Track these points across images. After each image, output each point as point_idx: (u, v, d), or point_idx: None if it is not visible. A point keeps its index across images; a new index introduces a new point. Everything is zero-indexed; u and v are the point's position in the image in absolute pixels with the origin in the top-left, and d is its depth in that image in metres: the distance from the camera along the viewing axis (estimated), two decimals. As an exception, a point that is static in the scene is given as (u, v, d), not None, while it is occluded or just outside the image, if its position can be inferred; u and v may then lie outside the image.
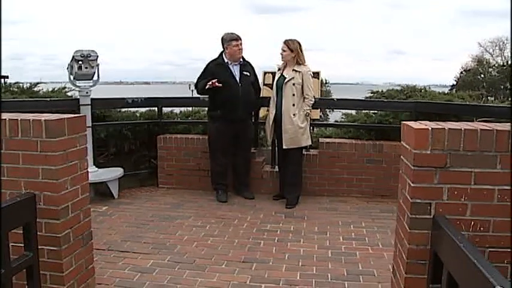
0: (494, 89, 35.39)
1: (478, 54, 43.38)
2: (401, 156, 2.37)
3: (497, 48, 43.41)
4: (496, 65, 40.41)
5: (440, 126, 2.09)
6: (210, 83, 5.03)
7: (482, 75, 40.41)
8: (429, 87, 6.65)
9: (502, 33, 43.23)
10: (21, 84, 5.72)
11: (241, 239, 4.12)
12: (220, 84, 5.05)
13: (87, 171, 2.80)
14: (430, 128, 2.07)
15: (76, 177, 2.65)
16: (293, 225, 4.49)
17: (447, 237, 1.95)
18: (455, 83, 40.59)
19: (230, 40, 5.20)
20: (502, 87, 35.83)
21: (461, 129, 2.07)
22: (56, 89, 6.00)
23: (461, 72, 42.30)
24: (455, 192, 2.11)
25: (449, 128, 2.07)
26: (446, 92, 7.24)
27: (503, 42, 42.35)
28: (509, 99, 5.68)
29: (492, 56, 43.27)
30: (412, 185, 2.14)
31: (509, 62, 38.55)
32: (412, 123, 2.21)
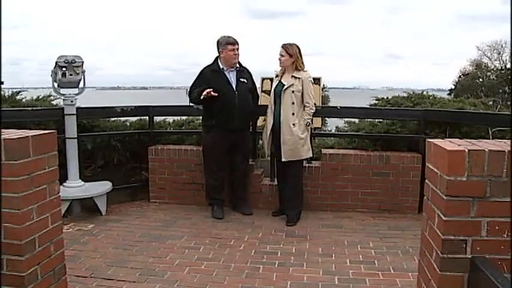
0: (492, 92, 35.06)
1: (477, 58, 43.10)
2: (427, 181, 2.00)
3: (495, 52, 43.11)
4: (494, 69, 40.13)
5: (478, 148, 1.72)
6: (205, 92, 4.66)
7: (480, 79, 40.14)
8: (427, 92, 6.31)
9: (500, 37, 42.99)
10: (2, 92, 5.32)
11: (238, 263, 3.73)
12: (216, 94, 4.68)
13: (59, 196, 2.42)
14: (466, 150, 1.70)
15: (45, 204, 2.28)
16: (295, 246, 4.11)
17: (487, 280, 1.60)
18: (453, 87, 40.30)
19: (226, 44, 4.83)
20: (501, 91, 35.52)
21: (504, 151, 1.70)
22: (40, 97, 5.61)
23: (460, 76, 42.00)
24: (497, 227, 1.74)
25: (489, 150, 1.70)
26: (445, 96, 6.88)
27: (502, 46, 42.07)
28: (510, 103, 5.32)
29: (490, 60, 42.97)
30: (443, 218, 1.77)
31: (508, 66, 38.31)
32: (443, 143, 1.84)
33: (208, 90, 4.65)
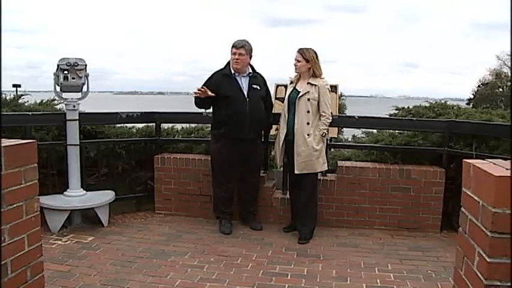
0: (513, 103, 34.30)
1: (496, 67, 42.30)
2: (464, 210, 1.67)
3: (516, 61, 42.19)
4: (514, 79, 39.28)
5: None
6: (197, 90, 4.42)
7: (500, 89, 39.37)
8: (445, 101, 5.94)
9: (521, 47, 42.09)
10: (4, 95, 5.10)
11: (245, 285, 3.41)
12: (213, 94, 4.41)
13: (38, 214, 2.13)
14: (518, 177, 1.38)
15: (20, 224, 1.99)
16: (306, 267, 3.77)
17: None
18: (472, 96, 39.60)
19: (231, 47, 4.56)
20: (522, 100, 34.69)
21: None
22: (44, 101, 5.37)
23: (479, 86, 41.27)
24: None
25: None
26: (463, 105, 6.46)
27: (523, 55, 41.18)
28: (510, 113, 4.94)
29: (511, 69, 42.08)
30: (487, 259, 1.44)
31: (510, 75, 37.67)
32: (486, 166, 1.51)
33: (202, 88, 4.44)
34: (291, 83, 4.55)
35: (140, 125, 5.62)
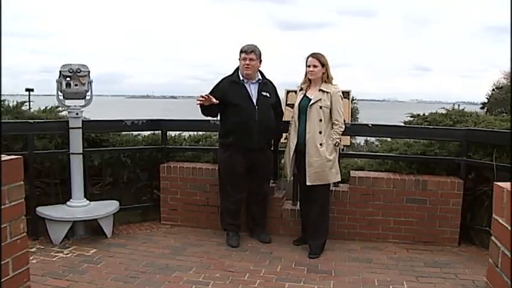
0: (529, 107, 33.76)
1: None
2: (495, 239, 1.47)
3: (532, 65, 41.66)
4: (531, 83, 38.70)
5: None
6: (200, 97, 4.25)
7: (515, 93, 38.80)
8: (458, 105, 5.71)
9: (537, 50, 41.42)
10: (7, 102, 4.97)
11: (251, 305, 3.24)
12: (217, 101, 4.24)
13: (25, 236, 1.97)
14: None
15: (4, 247, 1.83)
16: (317, 285, 3.57)
17: None
18: (486, 100, 39.10)
19: (240, 52, 4.39)
20: (538, 105, 34.16)
21: None
22: (48, 107, 5.24)
23: (493, 90, 40.73)
24: None
25: None
26: (478, 109, 6.22)
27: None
28: (510, 119, 4.69)
29: (511, 72, 41.47)
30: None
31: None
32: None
33: (205, 94, 4.26)
34: (301, 89, 4.36)
35: (146, 133, 5.47)
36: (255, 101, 4.39)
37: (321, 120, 4.14)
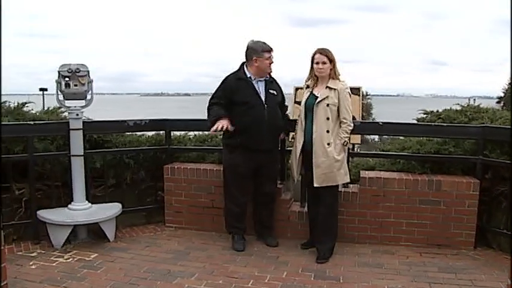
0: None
1: (529, 63, 40.93)
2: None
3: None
4: (550, 77, 37.92)
5: None
6: (218, 127, 4.05)
7: (533, 87, 38.08)
8: (474, 99, 5.48)
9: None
10: (8, 103, 4.86)
11: (254, 315, 3.08)
12: (234, 129, 4.09)
13: (4, 250, 1.83)
14: None
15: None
16: (325, 293, 3.41)
17: None
18: (502, 94, 38.40)
19: (262, 51, 4.18)
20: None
21: None
22: (50, 109, 5.13)
23: (510, 84, 40.01)
24: None
25: None
26: (494, 104, 5.99)
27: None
28: (510, 117, 4.46)
29: (510, 70, 40.62)
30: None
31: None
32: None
33: (224, 122, 4.05)
34: (307, 87, 4.18)
35: (150, 133, 5.33)
36: (263, 99, 4.22)
37: (328, 118, 3.96)
